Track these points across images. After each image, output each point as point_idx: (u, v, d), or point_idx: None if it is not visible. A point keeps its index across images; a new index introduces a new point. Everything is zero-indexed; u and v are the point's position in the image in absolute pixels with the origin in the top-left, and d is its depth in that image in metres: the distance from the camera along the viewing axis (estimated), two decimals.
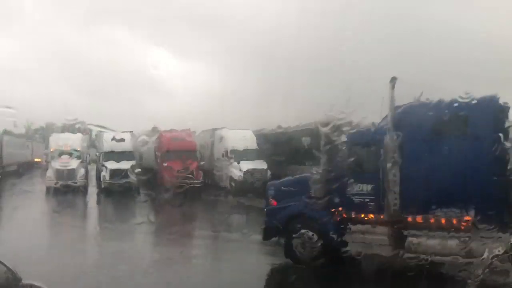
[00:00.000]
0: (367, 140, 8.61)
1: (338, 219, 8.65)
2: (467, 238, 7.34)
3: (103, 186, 23.58)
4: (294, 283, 8.52)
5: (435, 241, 7.66)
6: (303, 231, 8.89)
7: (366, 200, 8.41)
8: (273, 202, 9.65)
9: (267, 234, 9.51)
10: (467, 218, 7.43)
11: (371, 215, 8.33)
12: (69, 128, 31.60)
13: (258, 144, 24.00)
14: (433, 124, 7.78)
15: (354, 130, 9.02)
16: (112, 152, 24.56)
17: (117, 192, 22.17)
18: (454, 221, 7.51)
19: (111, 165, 23.54)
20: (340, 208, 8.64)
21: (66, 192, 21.68)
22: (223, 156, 24.25)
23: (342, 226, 8.58)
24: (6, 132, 32.13)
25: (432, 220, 7.69)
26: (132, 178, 23.22)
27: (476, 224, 7.33)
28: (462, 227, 7.48)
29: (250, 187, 21.18)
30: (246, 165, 22.52)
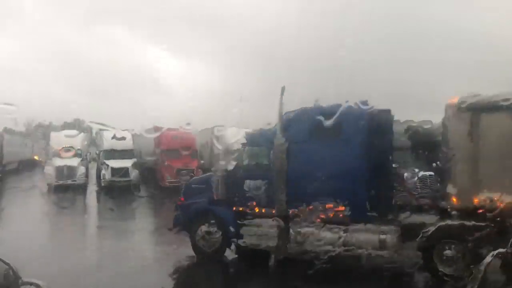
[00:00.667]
0: (261, 141, 9.48)
1: (236, 213, 9.44)
2: (341, 230, 8.49)
3: (103, 184, 23.59)
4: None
5: (314, 233, 8.64)
6: (204, 225, 9.57)
7: (260, 196, 9.26)
8: (182, 198, 10.43)
9: (175, 228, 10.16)
10: (341, 212, 8.52)
11: (264, 210, 9.19)
12: (69, 126, 31.61)
13: None
14: (313, 128, 8.70)
15: (252, 132, 9.97)
16: (113, 150, 24.58)
17: (117, 190, 22.17)
18: (331, 214, 8.57)
19: (112, 163, 23.57)
20: (238, 204, 9.47)
21: (66, 190, 21.71)
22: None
23: (240, 220, 9.36)
24: (6, 130, 32.15)
25: (308, 212, 8.68)
26: (133, 176, 23.27)
27: (348, 217, 8.48)
28: (338, 220, 8.57)
29: None
30: None
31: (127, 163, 23.65)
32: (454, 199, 8.04)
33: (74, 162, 23.83)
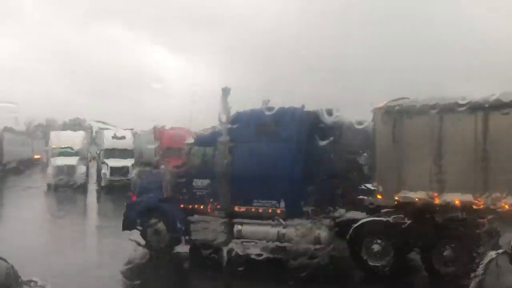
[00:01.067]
0: (207, 142, 9.91)
1: (184, 211, 9.85)
2: (280, 226, 8.98)
3: (103, 183, 23.66)
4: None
5: (254, 228, 9.21)
6: (153, 222, 10.02)
7: (207, 193, 9.68)
8: (133, 196, 10.83)
9: (126, 225, 10.38)
10: (279, 208, 9.06)
11: (210, 207, 9.59)
12: (70, 126, 31.63)
13: None
14: (256, 129, 9.17)
15: (200, 132, 10.47)
16: (113, 149, 24.60)
17: (118, 189, 22.16)
18: (269, 210, 9.12)
19: (112, 162, 23.57)
20: (186, 201, 9.87)
21: (66, 189, 21.72)
22: None
23: (188, 217, 9.76)
24: (6, 129, 32.19)
25: (253, 210, 9.25)
26: (133, 175, 23.23)
27: (285, 213, 9.00)
28: (276, 216, 9.06)
29: None
30: None
31: (127, 162, 23.64)
32: (379, 196, 8.55)
33: (74, 161, 23.87)
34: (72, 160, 23.82)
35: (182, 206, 9.86)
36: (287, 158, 9.03)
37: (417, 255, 8.58)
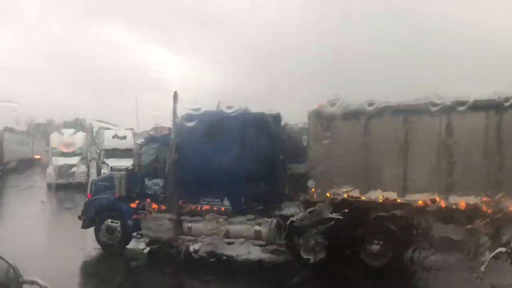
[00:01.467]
0: (158, 142, 10.36)
1: (135, 209, 10.26)
2: (225, 222, 9.49)
3: None
4: None
5: (201, 225, 9.66)
6: (106, 220, 10.49)
7: (157, 192, 10.16)
8: (88, 195, 11.48)
9: (85, 223, 10.84)
10: (223, 206, 9.61)
11: (160, 205, 10.07)
12: (70, 125, 31.59)
13: None
14: (204, 130, 9.52)
15: (151, 133, 10.96)
16: (114, 149, 24.59)
17: None
18: (215, 208, 9.61)
19: (112, 162, 23.55)
20: (138, 200, 10.28)
21: (66, 189, 21.72)
22: None
23: (139, 215, 10.18)
24: (7, 129, 32.18)
25: (200, 208, 9.76)
26: None
27: (230, 210, 9.55)
28: (222, 213, 9.58)
29: None
30: None
31: (128, 162, 23.57)
32: (314, 193, 9.11)
33: (75, 161, 23.87)
34: (73, 160, 23.81)
35: (134, 204, 10.32)
36: (230, 158, 9.42)
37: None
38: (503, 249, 7.35)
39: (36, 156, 39.21)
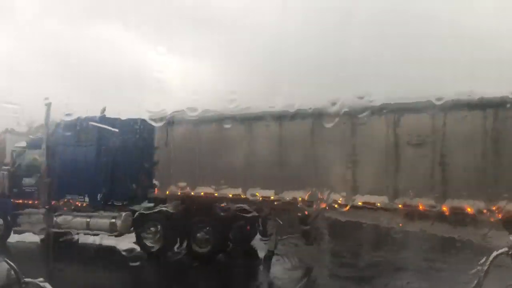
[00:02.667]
0: (34, 145, 11.55)
1: (15, 205, 11.76)
2: (87, 216, 10.92)
3: None
4: None
5: (68, 219, 11.05)
6: None
7: (33, 190, 11.54)
8: None
9: None
10: (85, 202, 11.03)
11: (36, 201, 11.38)
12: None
13: None
14: (69, 135, 10.94)
15: (32, 137, 12.41)
16: None
17: None
18: (78, 203, 11.05)
19: None
20: (17, 197, 11.82)
21: None
22: None
23: (18, 211, 11.71)
24: (8, 130, 32.17)
25: (66, 203, 11.12)
26: None
27: (91, 206, 11.00)
28: (84, 209, 11.06)
29: None
30: None
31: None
32: (156, 191, 10.53)
33: None
34: None
35: (14, 201, 11.82)
36: (89, 160, 10.96)
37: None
38: None
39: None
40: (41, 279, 3.83)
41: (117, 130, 10.73)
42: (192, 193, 10.04)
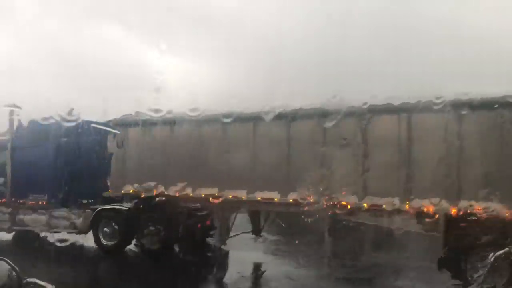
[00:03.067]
0: (3, 147, 11.95)
1: None
2: (47, 214, 11.34)
3: None
4: None
5: (30, 217, 11.55)
6: None
7: (1, 189, 12.02)
8: None
9: None
10: (45, 200, 11.45)
11: (2, 200, 11.96)
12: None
13: None
14: (31, 136, 11.44)
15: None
16: None
17: None
18: (39, 202, 11.43)
19: None
20: None
21: None
22: None
23: None
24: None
25: (28, 202, 11.60)
26: None
27: (51, 205, 11.36)
28: (45, 207, 11.50)
29: None
30: None
31: None
32: (110, 190, 11.06)
33: None
34: None
35: None
36: (48, 161, 11.34)
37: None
38: None
39: None
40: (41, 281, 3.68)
41: (84, 133, 11.18)
42: (142, 193, 10.52)
